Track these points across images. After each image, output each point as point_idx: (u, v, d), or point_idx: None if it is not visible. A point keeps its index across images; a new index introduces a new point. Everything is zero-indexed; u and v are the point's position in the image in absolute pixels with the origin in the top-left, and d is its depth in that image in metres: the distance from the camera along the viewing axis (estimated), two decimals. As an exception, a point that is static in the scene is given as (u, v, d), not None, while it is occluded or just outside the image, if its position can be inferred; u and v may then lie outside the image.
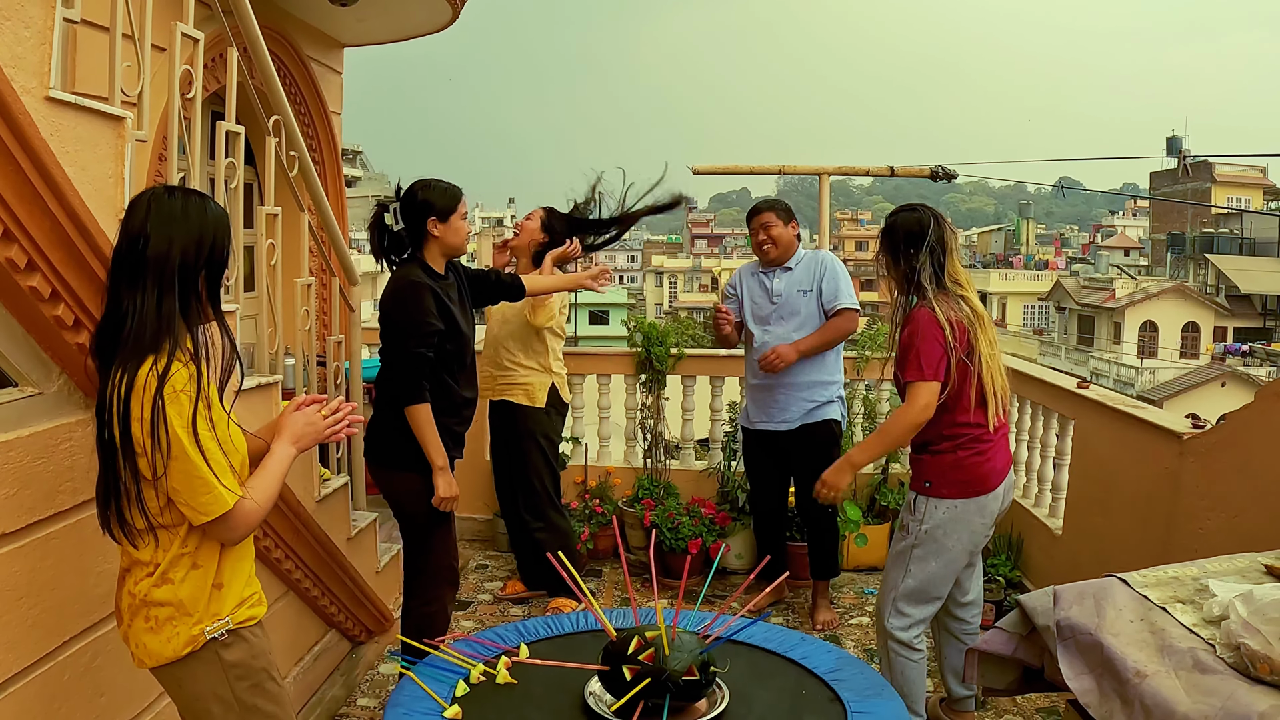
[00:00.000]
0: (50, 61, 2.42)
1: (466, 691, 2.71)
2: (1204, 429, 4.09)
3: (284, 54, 6.18)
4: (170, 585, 2.35)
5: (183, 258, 2.28)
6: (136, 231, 2.25)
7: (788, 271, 5.30)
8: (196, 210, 2.33)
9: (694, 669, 2.54)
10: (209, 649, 2.39)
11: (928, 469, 3.85)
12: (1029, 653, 2.94)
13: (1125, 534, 4.55)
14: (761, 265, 5.38)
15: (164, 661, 2.38)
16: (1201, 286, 46.13)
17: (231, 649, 2.43)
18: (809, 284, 5.25)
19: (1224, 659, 2.36)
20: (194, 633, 2.37)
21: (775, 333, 5.24)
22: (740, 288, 5.49)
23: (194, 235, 2.30)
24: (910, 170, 6.74)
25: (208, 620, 2.38)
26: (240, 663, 2.44)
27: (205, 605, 2.39)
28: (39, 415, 2.55)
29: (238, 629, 2.44)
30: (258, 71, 3.90)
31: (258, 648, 2.50)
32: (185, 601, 2.36)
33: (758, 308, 5.36)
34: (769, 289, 5.31)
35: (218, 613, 2.40)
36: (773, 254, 5.27)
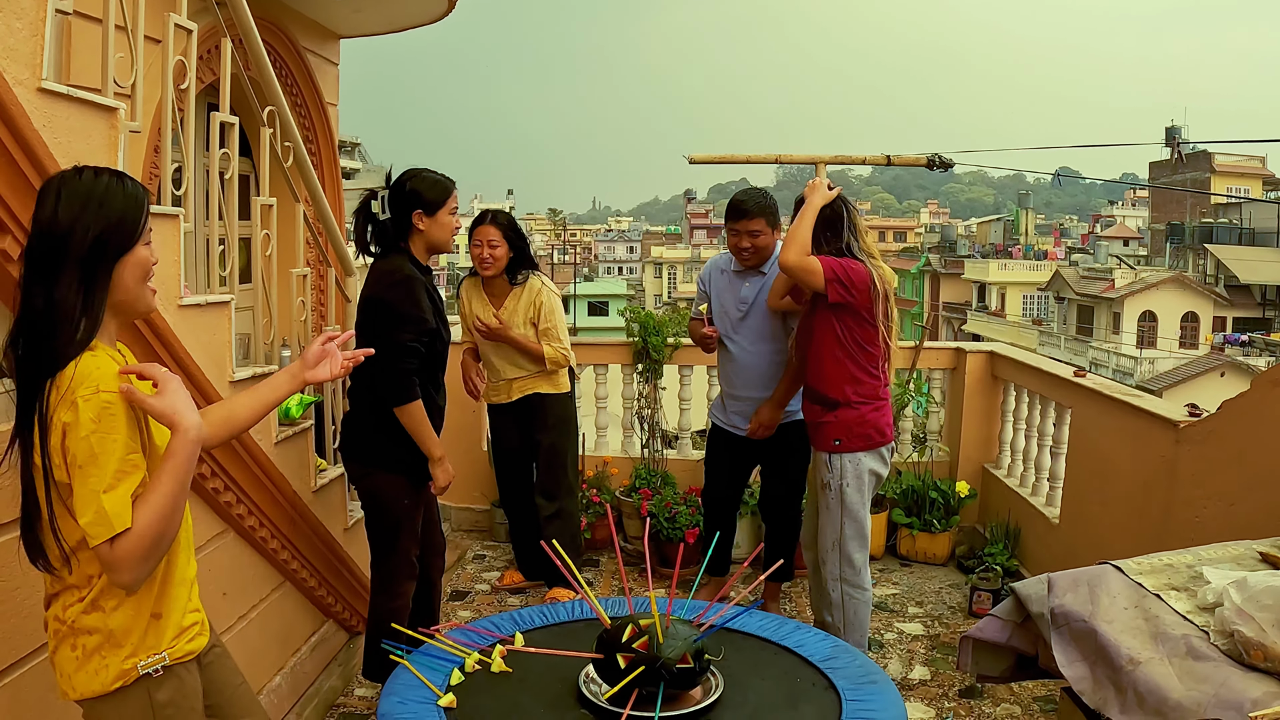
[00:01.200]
0: (43, 53, 2.42)
1: (461, 680, 2.71)
2: (1200, 417, 4.10)
3: (279, 45, 6.17)
4: (100, 613, 2.11)
5: (103, 243, 2.04)
6: (48, 219, 2.01)
7: (760, 277, 4.91)
8: (113, 190, 2.09)
9: (688, 657, 2.55)
10: (139, 685, 2.15)
11: (835, 429, 4.22)
12: (1023, 640, 2.95)
13: (1122, 522, 4.56)
14: (735, 264, 4.98)
15: (89, 695, 2.13)
16: (1200, 276, 46.08)
17: (164, 687, 2.18)
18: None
19: (1217, 646, 2.37)
20: (124, 666, 2.12)
21: (739, 343, 4.93)
22: (711, 284, 5.10)
23: (114, 218, 2.07)
24: (907, 159, 6.71)
25: (142, 654, 2.14)
26: (171, 703, 2.19)
27: (140, 637, 2.14)
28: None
29: (173, 665, 2.19)
30: (252, 63, 3.89)
31: (189, 687, 2.25)
32: (116, 632, 2.12)
33: (724, 312, 4.99)
34: (737, 293, 4.94)
35: (154, 646, 2.16)
36: (751, 261, 4.87)
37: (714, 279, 5.07)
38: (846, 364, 4.18)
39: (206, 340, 3.18)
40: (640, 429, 6.69)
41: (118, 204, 2.07)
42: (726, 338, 4.97)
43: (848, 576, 4.28)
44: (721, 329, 4.98)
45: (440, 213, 3.85)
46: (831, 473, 4.22)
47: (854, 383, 4.18)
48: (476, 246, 5.17)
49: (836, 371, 4.19)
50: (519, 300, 5.23)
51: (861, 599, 4.33)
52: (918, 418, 6.76)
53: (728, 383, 5.04)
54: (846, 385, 4.18)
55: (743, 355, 4.91)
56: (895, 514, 6.31)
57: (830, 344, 4.18)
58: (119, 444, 1.98)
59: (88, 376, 1.98)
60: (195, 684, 2.28)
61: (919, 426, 6.78)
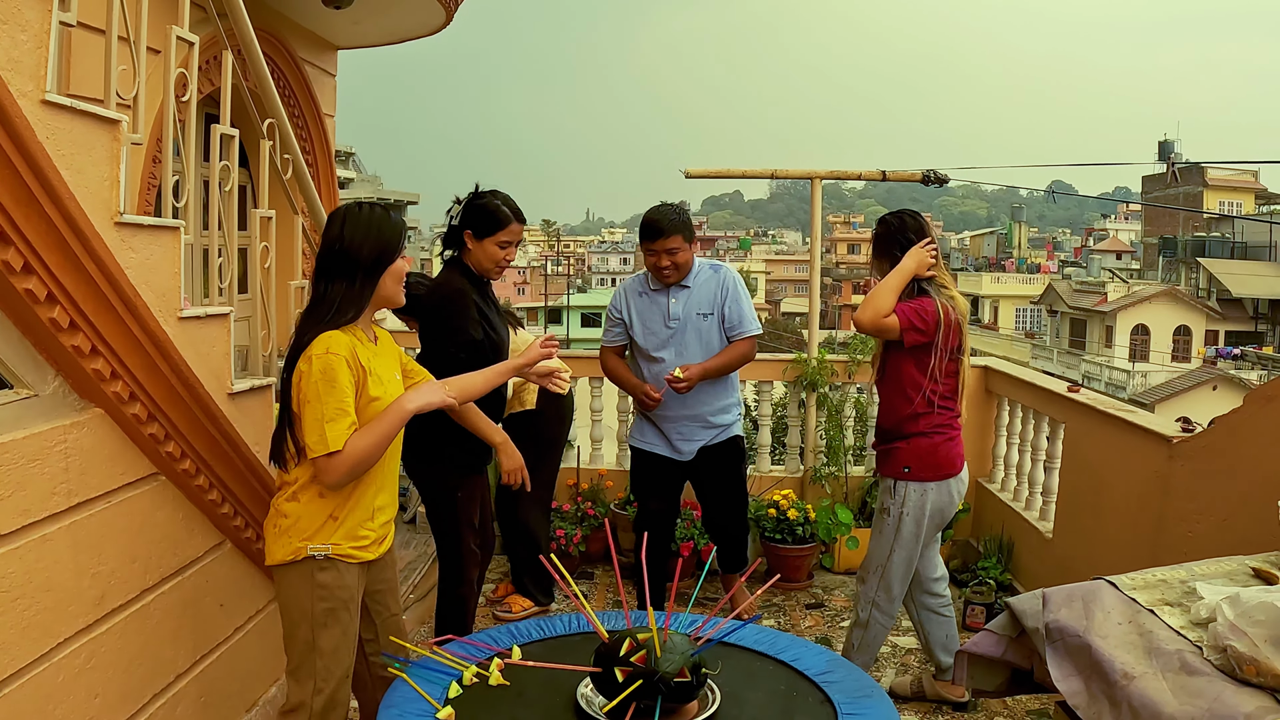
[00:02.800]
0: (47, 65, 2.43)
1: (459, 693, 2.72)
2: (1193, 433, 4.12)
3: (278, 57, 6.19)
4: (296, 504, 2.88)
5: (378, 258, 2.89)
6: (335, 237, 2.87)
7: (685, 290, 4.79)
8: (384, 220, 2.93)
9: (685, 671, 2.55)
10: (306, 564, 2.86)
11: (906, 455, 4.12)
12: (1018, 655, 2.96)
13: (1115, 537, 4.57)
14: (652, 283, 4.84)
15: (274, 562, 2.90)
16: (1193, 290, 46.21)
17: (325, 572, 2.87)
18: (710, 305, 4.80)
19: (1211, 661, 2.38)
20: (298, 545, 2.86)
21: (673, 362, 4.74)
22: (628, 310, 4.90)
23: (385, 240, 2.91)
24: (903, 175, 6.75)
25: (316, 541, 2.86)
26: (326, 585, 2.88)
27: (317, 529, 2.87)
28: (34, 417, 2.57)
29: (336, 559, 2.88)
30: (252, 74, 3.91)
31: (348, 581, 2.92)
32: (302, 519, 2.87)
33: (650, 333, 4.82)
34: (665, 310, 4.78)
35: (325, 539, 2.87)
36: (674, 278, 4.74)
37: (631, 303, 4.90)
38: (921, 396, 4.08)
39: (206, 352, 3.19)
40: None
41: (388, 230, 2.91)
42: (653, 359, 4.82)
43: (880, 603, 4.26)
44: (649, 349, 4.83)
45: (488, 241, 4.05)
46: (894, 499, 4.16)
47: (928, 414, 4.10)
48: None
49: (911, 404, 4.09)
50: None
51: (885, 626, 4.32)
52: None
53: (665, 421, 4.89)
54: (922, 417, 4.10)
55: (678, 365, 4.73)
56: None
57: (906, 378, 4.09)
58: (335, 392, 2.75)
59: (322, 343, 2.78)
60: (354, 581, 2.95)
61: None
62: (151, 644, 3.07)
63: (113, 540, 2.85)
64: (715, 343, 4.76)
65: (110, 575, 2.84)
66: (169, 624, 3.15)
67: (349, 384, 2.79)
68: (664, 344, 4.76)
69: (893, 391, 4.15)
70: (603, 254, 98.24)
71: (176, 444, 3.07)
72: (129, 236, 2.75)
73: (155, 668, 3.10)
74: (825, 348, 6.81)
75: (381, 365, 2.97)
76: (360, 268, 2.86)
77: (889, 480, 4.20)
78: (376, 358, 2.95)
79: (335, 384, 2.75)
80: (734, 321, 4.79)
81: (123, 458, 2.90)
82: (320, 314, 2.85)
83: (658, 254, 4.64)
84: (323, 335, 2.80)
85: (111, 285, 2.65)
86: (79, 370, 2.67)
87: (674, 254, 4.62)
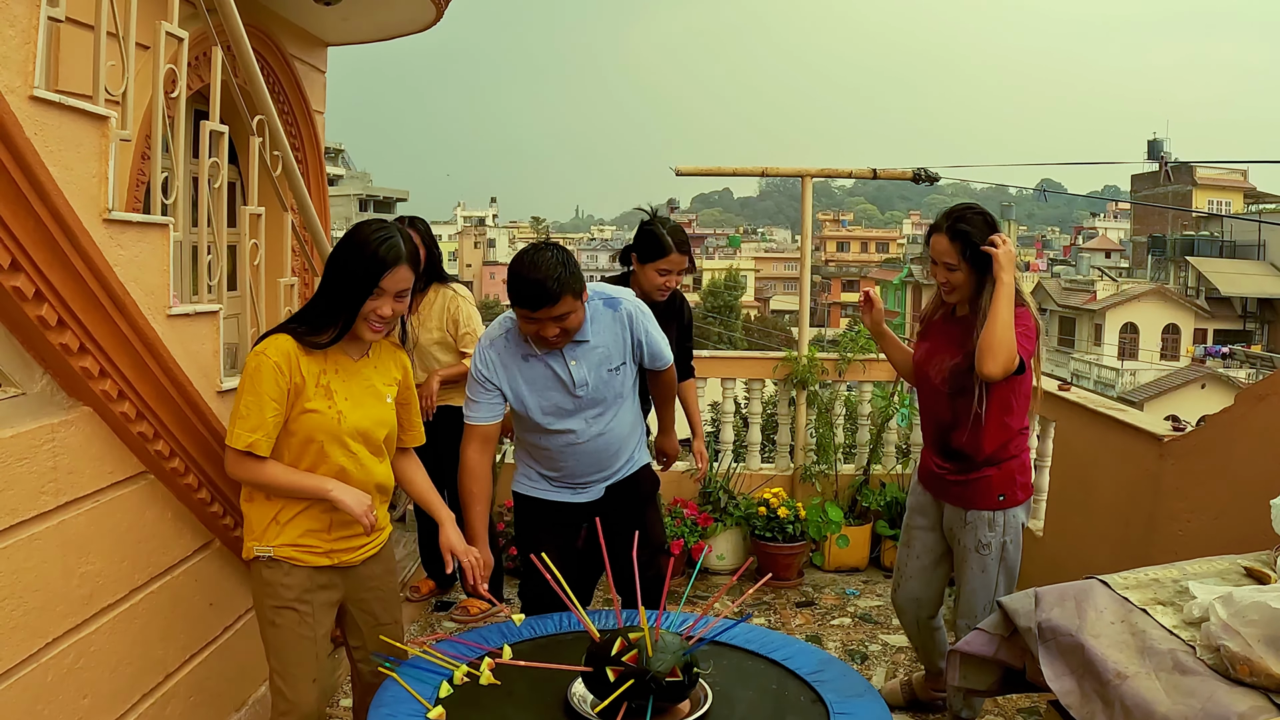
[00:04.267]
0: (35, 60, 2.40)
1: (450, 693, 2.71)
2: (1184, 432, 4.13)
3: (267, 53, 6.16)
4: (250, 504, 2.97)
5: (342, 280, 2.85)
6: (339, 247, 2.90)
7: (583, 346, 3.57)
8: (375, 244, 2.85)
9: (677, 670, 2.55)
10: (257, 563, 2.95)
11: (999, 482, 3.75)
12: (1010, 654, 2.96)
13: (1106, 535, 4.58)
14: (531, 345, 3.55)
15: (245, 558, 3.01)
16: (1182, 289, 46.37)
17: (270, 570, 2.92)
18: (620, 354, 3.67)
19: (1204, 660, 2.38)
20: (249, 544, 2.96)
21: (585, 429, 3.66)
22: (508, 381, 3.59)
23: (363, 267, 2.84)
24: (894, 173, 6.76)
25: (261, 541, 2.93)
26: (271, 583, 2.92)
27: (263, 530, 2.93)
28: (22, 416, 2.55)
29: (280, 560, 2.92)
30: (241, 70, 3.89)
31: (290, 582, 2.93)
32: (251, 520, 2.96)
33: (549, 406, 3.60)
34: (565, 378, 3.56)
35: (269, 540, 2.92)
36: (563, 343, 3.49)
37: (514, 372, 3.59)
38: (1011, 418, 3.75)
39: (195, 350, 3.17)
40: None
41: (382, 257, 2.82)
42: (555, 432, 3.65)
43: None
44: (547, 425, 3.64)
45: (648, 267, 4.39)
46: (994, 531, 3.77)
47: (1017, 434, 3.78)
48: None
49: (1003, 427, 3.73)
50: (431, 308, 5.16)
51: None
52: (901, 429, 6.78)
53: (568, 472, 3.77)
54: (1011, 439, 3.77)
55: (594, 439, 3.71)
56: (879, 526, 6.32)
57: (1018, 397, 3.74)
58: (252, 391, 2.78)
59: (263, 343, 2.84)
60: (301, 582, 2.95)
61: (903, 438, 6.80)
62: (141, 643, 3.05)
63: (101, 539, 2.84)
64: (627, 393, 3.77)
65: (99, 574, 2.82)
66: (158, 623, 3.13)
67: (273, 388, 2.79)
68: (570, 414, 3.64)
69: (1001, 413, 3.70)
70: (592, 251, 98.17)
71: (165, 442, 3.05)
72: (117, 233, 2.73)
73: (145, 667, 3.08)
74: (815, 345, 6.82)
75: (348, 385, 2.96)
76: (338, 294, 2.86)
77: (983, 514, 3.77)
78: (342, 375, 2.96)
79: (255, 385, 2.78)
80: (653, 356, 3.79)
81: (111, 456, 2.88)
82: (295, 320, 2.94)
83: (542, 322, 3.37)
84: (270, 337, 2.87)
85: (100, 283, 2.63)
86: (67, 368, 2.65)
87: (564, 319, 3.38)
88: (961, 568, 3.87)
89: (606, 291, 3.69)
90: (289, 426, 2.88)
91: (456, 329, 5.14)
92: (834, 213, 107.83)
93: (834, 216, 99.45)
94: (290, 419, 2.86)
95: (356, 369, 3.00)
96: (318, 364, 2.89)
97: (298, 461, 2.92)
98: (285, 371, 2.80)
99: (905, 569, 4.16)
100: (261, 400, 2.78)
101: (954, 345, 3.74)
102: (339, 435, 2.91)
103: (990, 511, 3.77)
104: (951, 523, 3.90)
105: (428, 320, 5.15)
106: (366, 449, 3.01)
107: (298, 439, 2.89)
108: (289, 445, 2.90)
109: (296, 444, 2.90)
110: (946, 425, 3.82)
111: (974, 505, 3.79)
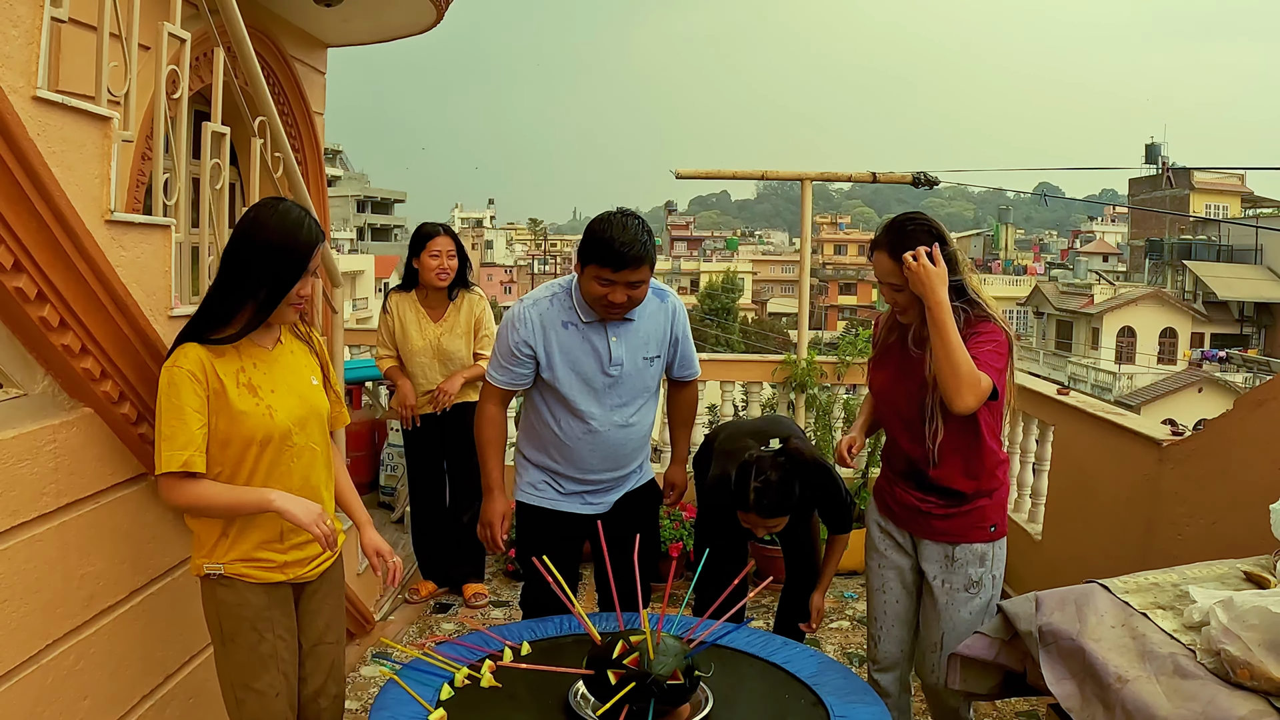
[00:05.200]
0: (38, 61, 2.41)
1: (451, 695, 2.70)
2: (1183, 436, 4.13)
3: (268, 54, 6.15)
4: (196, 521, 2.80)
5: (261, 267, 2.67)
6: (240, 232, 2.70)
7: (627, 325, 3.54)
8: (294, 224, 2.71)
9: (679, 673, 2.55)
10: (209, 581, 2.79)
11: (992, 512, 3.38)
12: (1011, 658, 2.96)
13: (1105, 539, 4.58)
14: (585, 313, 3.49)
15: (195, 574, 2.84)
16: (1179, 292, 46.43)
17: (225, 590, 2.78)
18: (658, 347, 3.62)
19: (1204, 664, 2.39)
20: (198, 562, 2.80)
21: (609, 417, 3.58)
22: (544, 345, 3.51)
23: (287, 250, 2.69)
24: (893, 177, 6.76)
25: (211, 559, 2.77)
26: (227, 603, 2.78)
27: (211, 545, 2.77)
28: (23, 417, 2.54)
29: (232, 578, 2.77)
30: (243, 71, 3.89)
31: (246, 601, 2.78)
32: (200, 534, 2.80)
33: (579, 380, 3.53)
34: (602, 352, 3.50)
35: (218, 557, 2.77)
36: (620, 315, 3.48)
37: (551, 337, 3.51)
38: (995, 442, 3.36)
39: (196, 351, 3.16)
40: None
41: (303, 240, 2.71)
42: (583, 411, 3.56)
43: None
44: (573, 400, 3.54)
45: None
46: (985, 566, 3.39)
47: (999, 460, 3.40)
48: (434, 257, 5.29)
49: (989, 455, 3.34)
50: (459, 313, 5.38)
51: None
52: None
53: (577, 463, 3.66)
54: (999, 465, 3.40)
55: (612, 430, 3.61)
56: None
57: (991, 424, 3.33)
58: (171, 408, 2.60)
59: (173, 355, 2.66)
60: (260, 601, 2.80)
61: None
62: (141, 645, 3.04)
63: (102, 541, 2.83)
64: (653, 388, 3.70)
65: (100, 576, 2.82)
66: (158, 625, 3.13)
67: (193, 399, 2.61)
68: (596, 395, 3.55)
69: (975, 444, 3.31)
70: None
71: (166, 444, 3.04)
72: (119, 235, 2.73)
73: (145, 669, 3.08)
74: (814, 348, 6.82)
75: (270, 375, 2.78)
76: (255, 280, 2.67)
77: (973, 548, 3.38)
78: (262, 367, 2.78)
79: (174, 399, 2.59)
80: (685, 362, 3.80)
81: (112, 458, 2.88)
82: (193, 323, 2.71)
83: (614, 285, 3.34)
84: (179, 347, 2.66)
85: (102, 284, 2.63)
86: (69, 369, 2.65)
87: (636, 288, 3.38)
88: (946, 610, 3.42)
89: (656, 283, 3.61)
90: (220, 437, 2.69)
91: (478, 330, 5.37)
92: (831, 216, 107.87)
93: (831, 219, 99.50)
94: (219, 429, 2.68)
95: (275, 357, 2.83)
96: (233, 363, 2.71)
97: (236, 473, 2.73)
98: (201, 378, 2.63)
99: (882, 621, 3.66)
100: (184, 414, 2.60)
101: (919, 371, 3.26)
102: (274, 433, 2.74)
103: (983, 545, 3.38)
104: (931, 560, 3.45)
105: (455, 325, 5.38)
106: (306, 440, 2.85)
107: (234, 448, 2.71)
108: (226, 457, 2.72)
109: (233, 454, 2.72)
110: (923, 459, 3.35)
111: (965, 539, 3.37)
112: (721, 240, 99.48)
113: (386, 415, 7.27)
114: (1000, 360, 3.14)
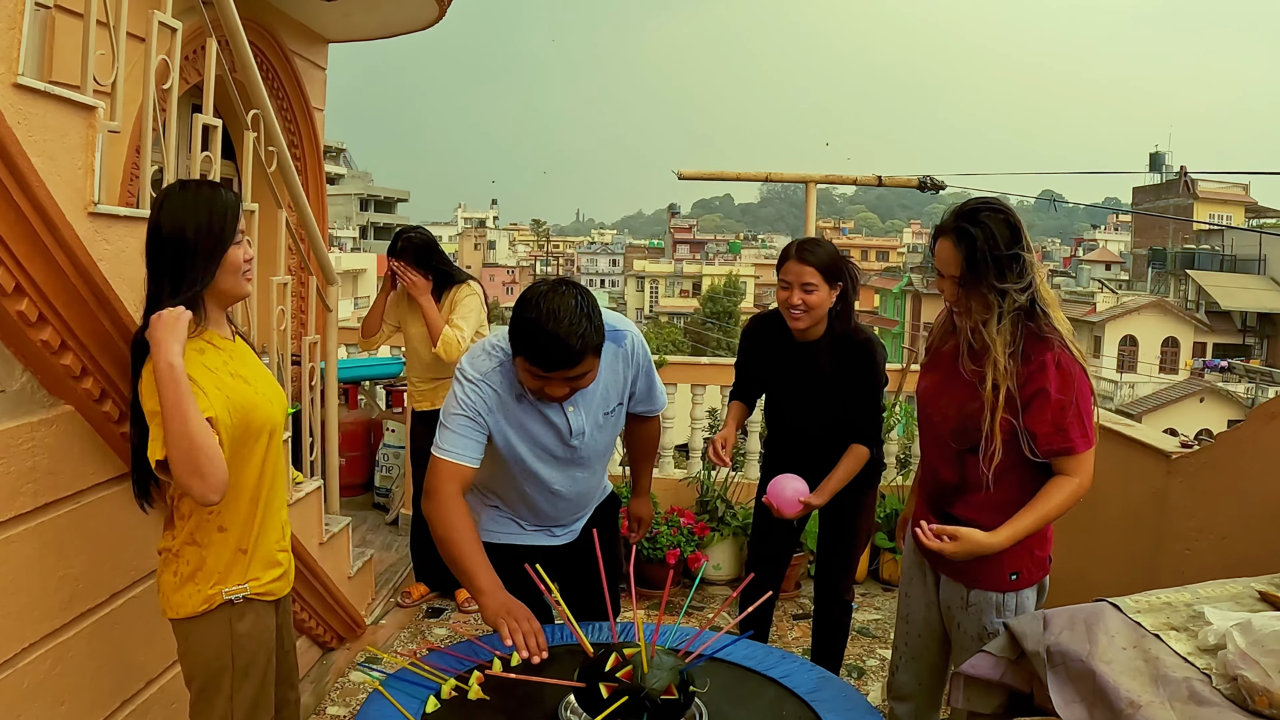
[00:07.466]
0: (19, 47, 2.33)
1: (438, 707, 2.62)
2: (1193, 449, 4.05)
3: (266, 48, 6.10)
4: (196, 547, 2.51)
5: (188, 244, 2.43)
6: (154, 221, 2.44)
7: (586, 390, 3.00)
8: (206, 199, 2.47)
9: (673, 688, 2.47)
10: (222, 611, 2.53)
11: (1013, 557, 2.99)
12: (1017, 678, 2.87)
13: (1112, 553, 4.50)
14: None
15: (182, 615, 2.52)
16: (1182, 302, 46.42)
17: (244, 619, 2.57)
18: (618, 394, 3.18)
19: (1220, 690, 2.30)
20: (209, 592, 2.51)
21: (571, 474, 3.21)
22: (497, 416, 2.98)
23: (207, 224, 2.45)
24: (899, 180, 6.69)
25: (229, 583, 2.53)
26: (247, 634, 2.57)
27: (228, 568, 2.53)
28: (0, 415, 2.47)
29: (254, 599, 2.59)
30: (237, 64, 3.82)
31: (265, 624, 2.65)
32: (208, 561, 2.51)
33: (538, 451, 3.09)
34: (560, 426, 3.04)
35: (239, 577, 2.55)
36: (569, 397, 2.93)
37: (504, 410, 2.98)
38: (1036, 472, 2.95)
39: (183, 348, 3.09)
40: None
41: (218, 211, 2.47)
42: (545, 478, 3.16)
43: None
44: (536, 470, 3.12)
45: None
46: (1002, 617, 3.00)
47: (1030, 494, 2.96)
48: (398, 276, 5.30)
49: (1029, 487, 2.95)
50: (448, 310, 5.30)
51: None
52: (900, 440, 6.71)
53: (538, 514, 3.30)
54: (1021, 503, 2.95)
55: (573, 484, 3.24)
56: (878, 538, 6.24)
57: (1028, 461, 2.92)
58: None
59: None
60: (271, 624, 2.67)
61: (902, 449, 6.73)
62: (121, 649, 2.97)
63: (82, 542, 2.76)
64: (617, 434, 3.36)
65: (79, 578, 2.75)
66: (140, 629, 3.05)
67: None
68: (558, 463, 3.16)
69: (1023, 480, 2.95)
70: (592, 255, 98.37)
71: (150, 444, 2.97)
72: (103, 227, 2.65)
73: (125, 674, 3.01)
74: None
75: (247, 366, 2.62)
76: (189, 259, 2.41)
77: (989, 595, 3.05)
78: (238, 358, 2.59)
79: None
80: (645, 397, 3.32)
81: (93, 457, 2.81)
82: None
83: (550, 381, 2.82)
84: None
85: (83, 278, 2.56)
86: (48, 366, 2.58)
87: (579, 380, 2.84)
88: (957, 659, 3.15)
89: (611, 322, 3.04)
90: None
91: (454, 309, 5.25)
92: (834, 220, 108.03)
93: (835, 224, 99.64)
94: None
95: (239, 348, 2.66)
96: (219, 357, 2.53)
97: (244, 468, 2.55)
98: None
99: (902, 651, 3.44)
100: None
101: (969, 382, 2.91)
102: (276, 424, 2.64)
103: (1000, 594, 3.04)
104: (949, 600, 3.16)
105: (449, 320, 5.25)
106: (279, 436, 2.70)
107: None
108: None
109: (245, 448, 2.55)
110: (950, 488, 3.07)
111: (979, 584, 3.05)
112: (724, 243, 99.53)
113: (382, 415, 7.22)
114: (1088, 414, 2.82)
